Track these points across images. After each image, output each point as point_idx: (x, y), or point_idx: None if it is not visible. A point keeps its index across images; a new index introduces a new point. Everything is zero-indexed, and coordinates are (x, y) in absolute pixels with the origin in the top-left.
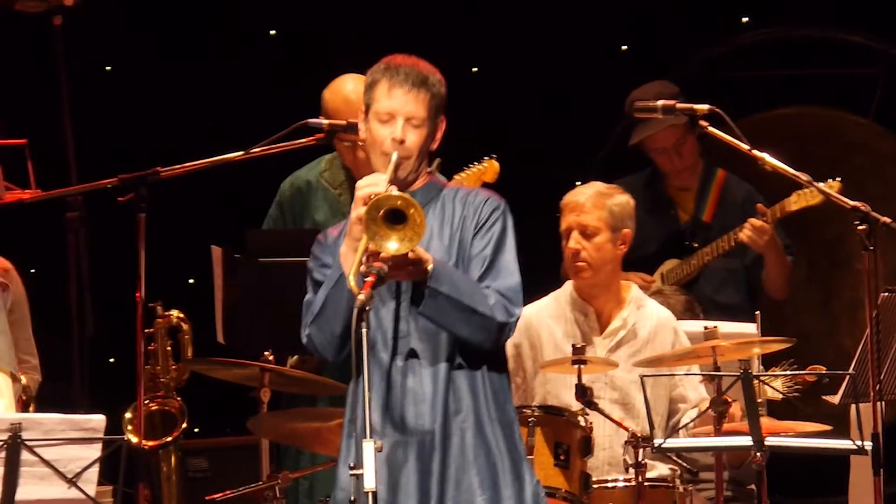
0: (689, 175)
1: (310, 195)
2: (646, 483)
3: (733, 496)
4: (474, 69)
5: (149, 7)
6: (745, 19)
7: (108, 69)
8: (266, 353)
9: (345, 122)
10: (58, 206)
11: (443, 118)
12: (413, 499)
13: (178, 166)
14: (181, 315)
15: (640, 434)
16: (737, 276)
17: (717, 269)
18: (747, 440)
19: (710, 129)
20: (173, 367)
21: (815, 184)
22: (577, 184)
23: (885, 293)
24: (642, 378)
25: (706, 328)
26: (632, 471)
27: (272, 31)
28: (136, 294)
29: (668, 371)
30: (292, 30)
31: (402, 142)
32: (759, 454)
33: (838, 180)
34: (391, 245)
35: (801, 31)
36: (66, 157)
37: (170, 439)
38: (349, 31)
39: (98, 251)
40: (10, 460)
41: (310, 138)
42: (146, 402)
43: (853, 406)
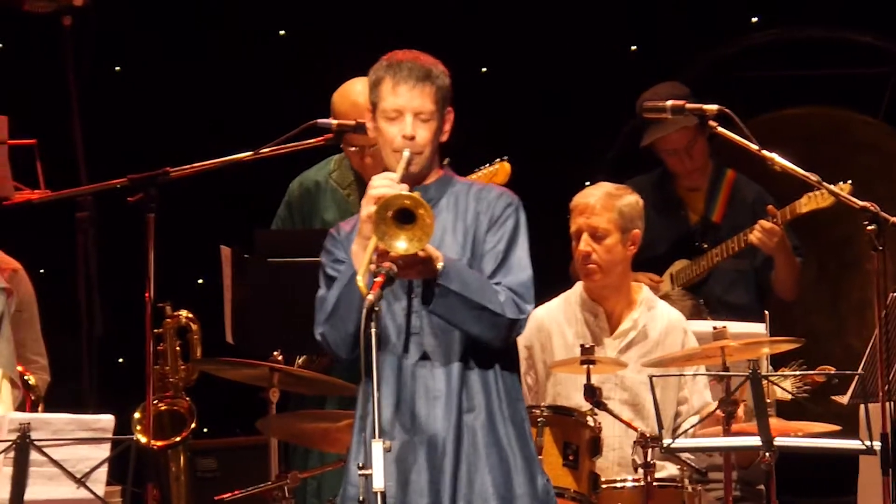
0: (700, 176)
1: (318, 195)
2: (655, 483)
3: (742, 496)
4: (484, 70)
5: (158, 7)
6: (755, 20)
7: (117, 69)
8: (275, 353)
9: (353, 121)
10: (67, 206)
11: (450, 109)
12: (425, 497)
13: (187, 166)
14: (190, 315)
15: (649, 434)
16: (746, 277)
17: (726, 269)
18: (756, 440)
19: (720, 129)
20: (182, 367)
21: (825, 184)
22: (587, 184)
23: (895, 293)
24: (651, 379)
25: (715, 328)
26: (641, 471)
27: (281, 32)
28: (146, 294)
29: (677, 371)
30: (302, 30)
31: (413, 138)
32: (768, 454)
33: (849, 183)
34: (400, 245)
35: (810, 31)
36: (76, 158)
37: (179, 439)
38: (358, 33)
39: (107, 251)
40: (19, 460)
41: (319, 139)
42: (155, 402)
43: (862, 406)
